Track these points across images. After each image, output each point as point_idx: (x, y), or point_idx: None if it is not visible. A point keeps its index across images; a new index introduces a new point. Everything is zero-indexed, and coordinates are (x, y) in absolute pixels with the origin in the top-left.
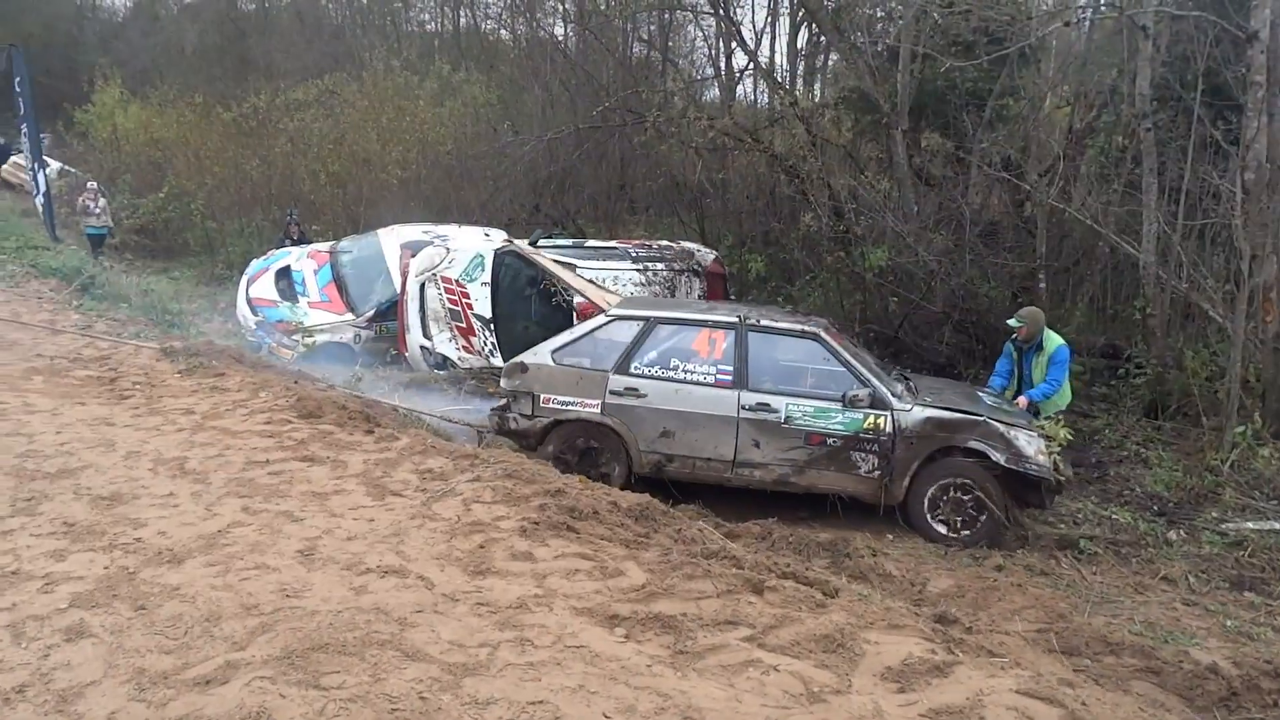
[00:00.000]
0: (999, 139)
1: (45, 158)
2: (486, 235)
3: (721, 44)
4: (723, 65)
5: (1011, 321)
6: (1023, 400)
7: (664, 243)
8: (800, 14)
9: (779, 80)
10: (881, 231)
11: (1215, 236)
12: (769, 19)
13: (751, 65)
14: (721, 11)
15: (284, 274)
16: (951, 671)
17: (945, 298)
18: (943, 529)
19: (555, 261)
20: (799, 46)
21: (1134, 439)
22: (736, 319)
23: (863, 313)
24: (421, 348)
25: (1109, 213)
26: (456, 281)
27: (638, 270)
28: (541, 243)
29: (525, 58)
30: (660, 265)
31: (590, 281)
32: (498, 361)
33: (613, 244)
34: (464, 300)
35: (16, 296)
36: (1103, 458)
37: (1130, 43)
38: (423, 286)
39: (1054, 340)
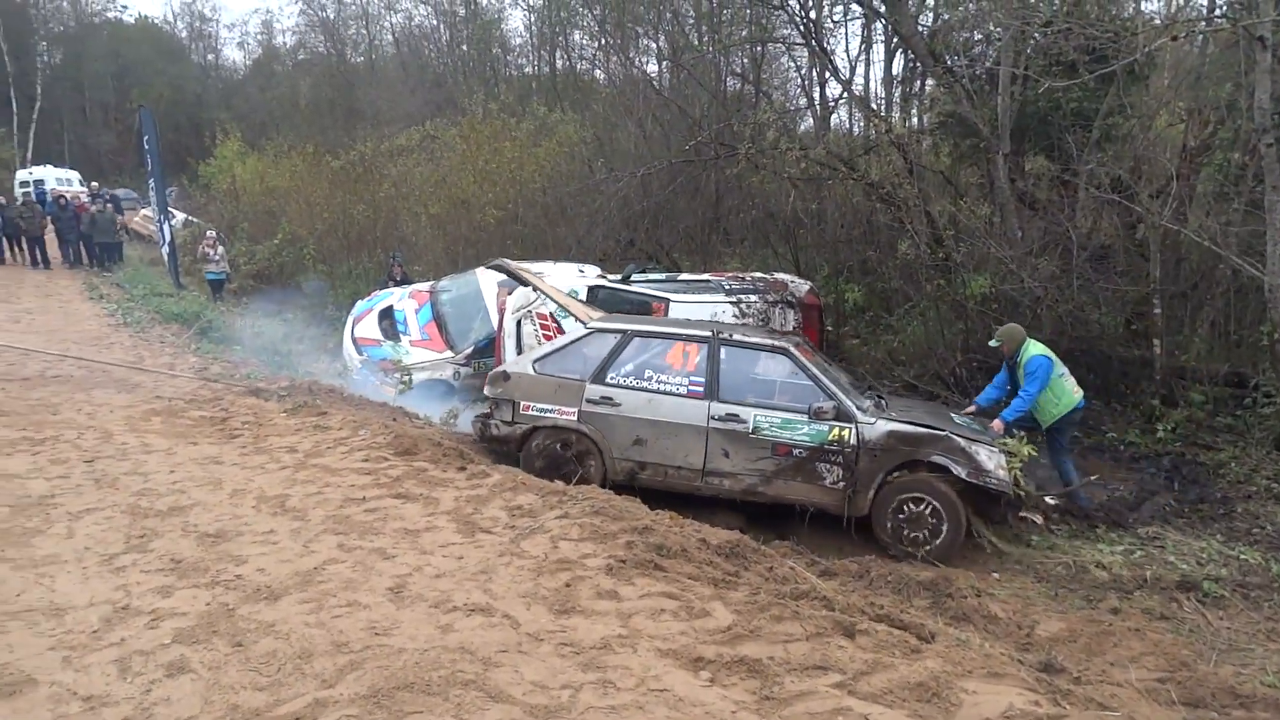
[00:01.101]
0: (1107, 159)
1: (171, 209)
2: (581, 271)
3: (815, 74)
4: (816, 95)
5: (992, 342)
6: (998, 424)
7: (758, 274)
8: (894, 41)
9: (874, 108)
10: (983, 258)
11: None
12: (863, 47)
13: (845, 94)
14: (814, 42)
15: (387, 314)
16: None
17: (1053, 325)
18: (903, 543)
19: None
20: (894, 73)
21: (1264, 473)
22: (710, 333)
23: (965, 342)
24: None
25: (1229, 233)
26: (551, 317)
27: (731, 303)
28: (634, 278)
29: (619, 95)
30: (754, 297)
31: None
32: None
33: (706, 277)
34: (559, 335)
35: (141, 341)
36: (1229, 493)
37: (1247, 55)
38: (519, 323)
39: (1028, 352)
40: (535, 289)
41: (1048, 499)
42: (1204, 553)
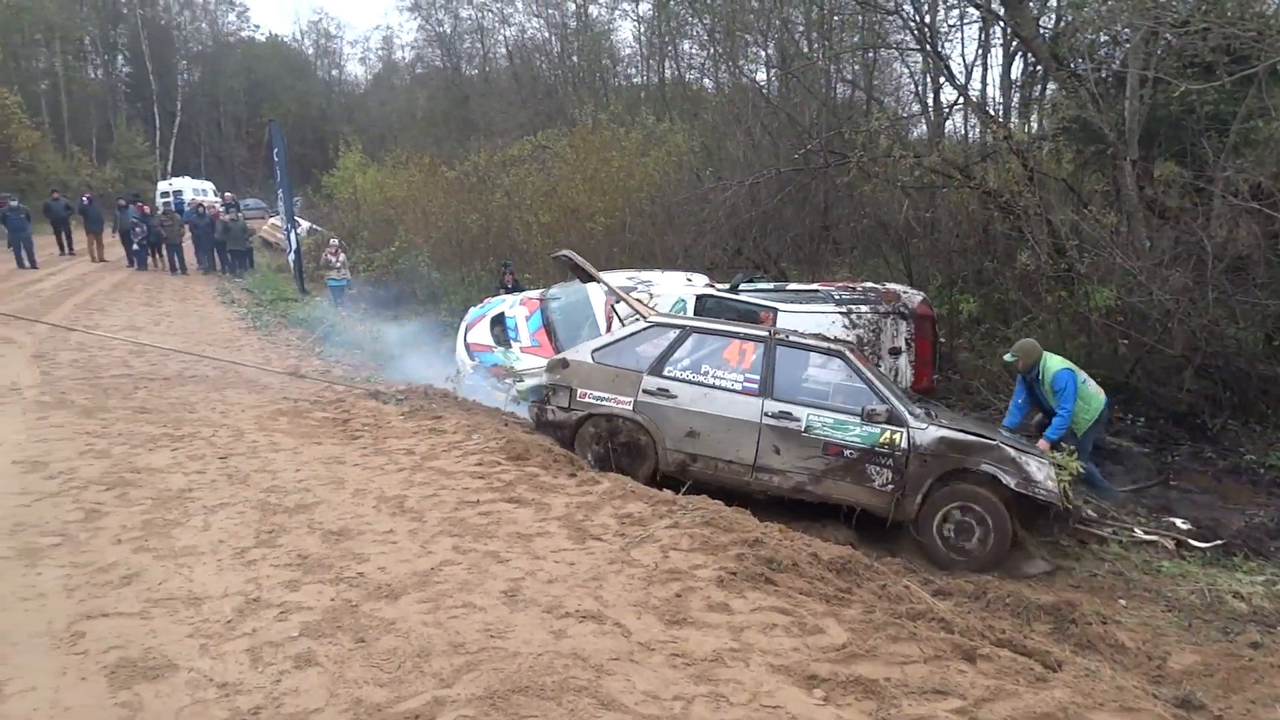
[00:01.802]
0: (1246, 165)
1: (297, 218)
2: (689, 280)
3: (929, 79)
4: (930, 101)
5: (1007, 356)
6: (1043, 444)
7: (869, 284)
8: (1014, 44)
9: (991, 113)
10: (1108, 269)
11: None
12: (979, 51)
13: (961, 99)
14: (929, 47)
15: (499, 320)
16: None
17: (1185, 340)
18: (948, 550)
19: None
20: (1013, 77)
21: None
22: (767, 333)
23: (1088, 355)
24: None
25: None
26: None
27: (841, 313)
28: (742, 287)
29: (727, 104)
30: (865, 308)
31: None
32: None
33: (815, 287)
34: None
35: (269, 344)
36: None
37: None
38: None
39: (1050, 369)
40: (598, 282)
41: (1178, 522)
42: None
